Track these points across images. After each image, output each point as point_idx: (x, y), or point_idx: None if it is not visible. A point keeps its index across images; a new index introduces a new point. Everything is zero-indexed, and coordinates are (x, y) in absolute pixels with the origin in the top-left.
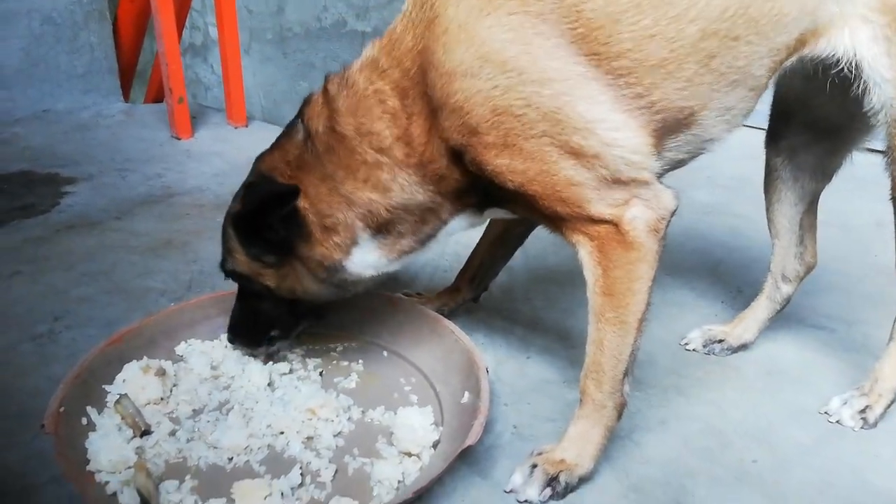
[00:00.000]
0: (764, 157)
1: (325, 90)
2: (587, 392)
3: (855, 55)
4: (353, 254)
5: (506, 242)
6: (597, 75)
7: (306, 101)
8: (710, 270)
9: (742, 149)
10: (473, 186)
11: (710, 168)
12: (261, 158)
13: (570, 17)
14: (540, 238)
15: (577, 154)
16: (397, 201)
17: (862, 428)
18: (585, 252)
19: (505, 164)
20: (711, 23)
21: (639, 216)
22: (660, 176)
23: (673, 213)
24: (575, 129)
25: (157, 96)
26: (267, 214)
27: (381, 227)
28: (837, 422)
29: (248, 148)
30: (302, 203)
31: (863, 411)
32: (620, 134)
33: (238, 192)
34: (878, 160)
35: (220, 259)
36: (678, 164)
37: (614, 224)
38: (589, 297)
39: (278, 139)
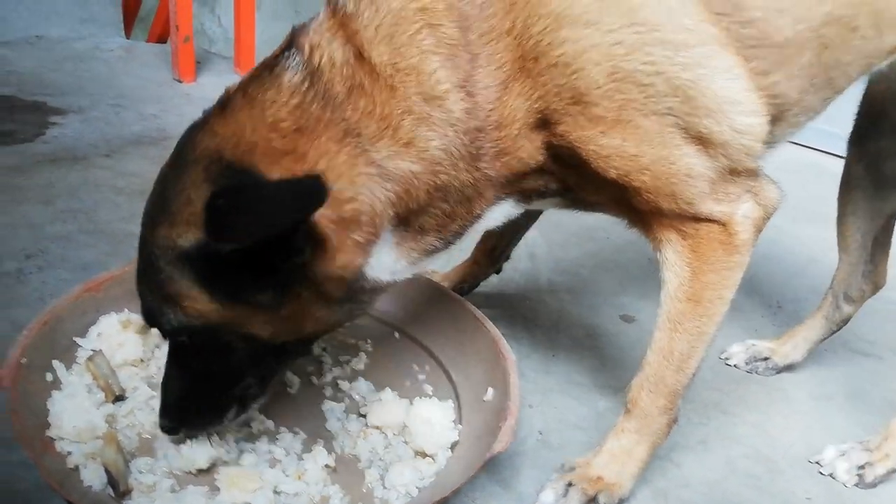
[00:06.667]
0: (845, 159)
1: (334, 7)
2: (639, 403)
3: None
4: (373, 254)
5: None
6: (729, 41)
7: (300, 30)
8: (745, 281)
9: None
10: (548, 169)
11: None
12: (206, 128)
13: None
14: (562, 226)
15: (702, 141)
16: (443, 179)
17: (856, 486)
18: (673, 251)
19: (614, 146)
20: (837, 7)
21: (749, 215)
22: None
23: (775, 211)
24: (708, 112)
25: (162, 37)
26: (276, 237)
27: (408, 217)
28: (830, 475)
29: None
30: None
31: (861, 467)
32: (753, 119)
33: (161, 199)
34: None
35: (148, 311)
36: None
37: (722, 223)
38: (664, 302)
39: (240, 91)
